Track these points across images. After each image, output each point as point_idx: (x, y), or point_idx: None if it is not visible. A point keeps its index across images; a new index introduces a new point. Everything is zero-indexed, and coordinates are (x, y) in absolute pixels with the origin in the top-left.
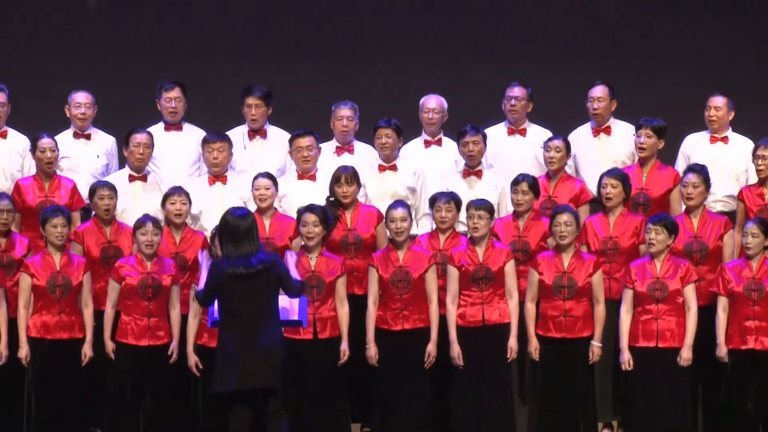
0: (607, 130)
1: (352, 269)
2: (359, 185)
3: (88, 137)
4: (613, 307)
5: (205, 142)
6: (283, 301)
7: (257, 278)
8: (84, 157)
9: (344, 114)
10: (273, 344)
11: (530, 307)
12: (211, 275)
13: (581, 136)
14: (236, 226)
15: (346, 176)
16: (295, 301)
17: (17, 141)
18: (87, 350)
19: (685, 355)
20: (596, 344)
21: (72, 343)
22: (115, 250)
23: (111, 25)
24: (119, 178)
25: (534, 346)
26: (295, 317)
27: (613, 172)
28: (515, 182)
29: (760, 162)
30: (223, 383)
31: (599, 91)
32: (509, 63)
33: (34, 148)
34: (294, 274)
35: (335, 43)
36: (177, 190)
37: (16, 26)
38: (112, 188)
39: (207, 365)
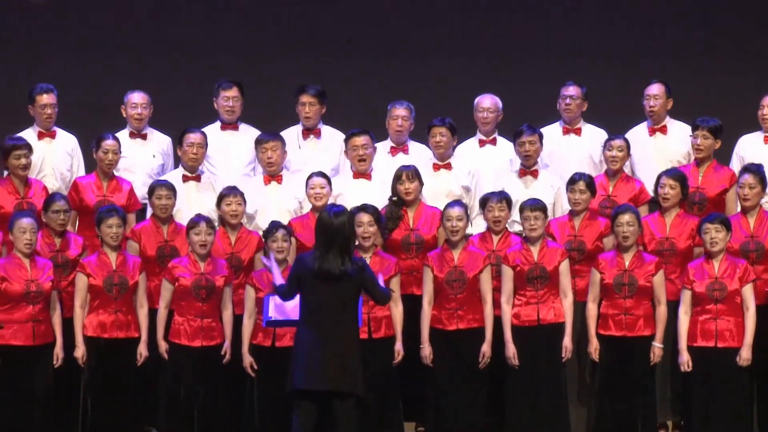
0: (663, 130)
1: (412, 269)
2: (421, 183)
3: (144, 137)
4: (669, 307)
5: (258, 142)
6: None
7: (342, 279)
8: (140, 157)
9: (399, 113)
10: (351, 349)
11: (592, 308)
12: (296, 268)
13: (637, 135)
14: (329, 224)
15: (408, 173)
16: None
17: (66, 140)
18: (142, 350)
19: (745, 355)
20: (657, 345)
21: (128, 342)
22: (172, 249)
23: (167, 25)
24: (173, 178)
25: (594, 346)
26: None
27: (671, 172)
28: (572, 181)
29: None
30: (296, 381)
31: (656, 89)
32: (564, 61)
33: (97, 148)
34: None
35: (391, 42)
36: (232, 191)
37: (69, 26)
38: (170, 188)
39: (261, 365)
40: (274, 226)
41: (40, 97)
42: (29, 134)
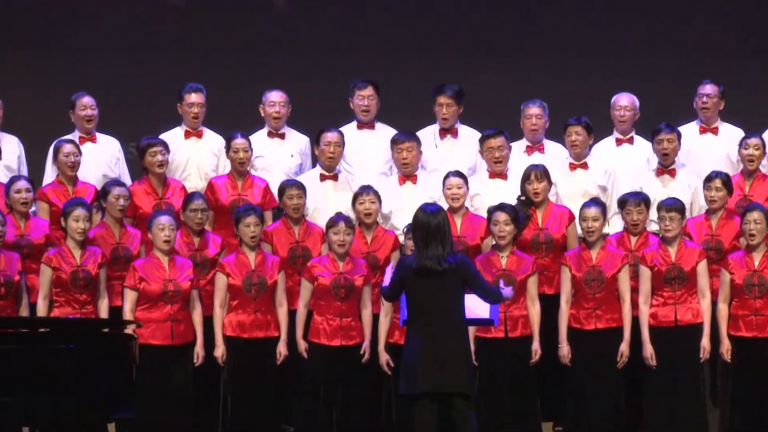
0: (715, 131)
1: (543, 268)
2: (550, 183)
3: (282, 136)
4: None
5: (394, 142)
6: (474, 299)
7: (444, 276)
8: (278, 156)
9: (533, 112)
10: (458, 346)
11: (722, 308)
12: (399, 270)
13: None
14: (427, 222)
15: (536, 173)
16: None
17: (212, 141)
18: (282, 349)
19: None
20: None
21: (267, 341)
22: (303, 250)
23: (302, 25)
24: (310, 177)
25: (726, 347)
26: (486, 316)
27: None
28: (708, 179)
29: None
30: (409, 385)
31: (709, 88)
32: (701, 60)
33: (228, 148)
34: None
35: (526, 41)
36: (366, 190)
37: (210, 28)
38: (301, 187)
39: (398, 363)
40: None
41: (188, 95)
42: (176, 133)
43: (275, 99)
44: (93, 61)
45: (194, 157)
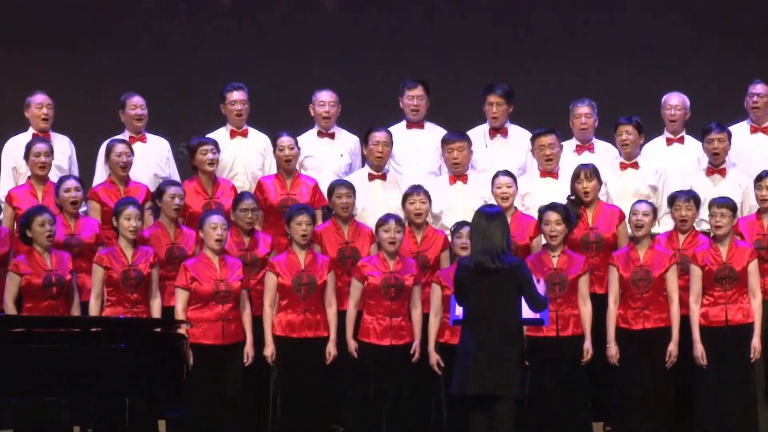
0: (765, 130)
1: (593, 268)
2: (600, 182)
3: (332, 136)
4: None
5: (444, 141)
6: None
7: (499, 276)
8: (327, 156)
9: (582, 112)
10: (511, 348)
11: None
12: (457, 272)
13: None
14: (483, 223)
15: (586, 172)
16: None
17: (258, 139)
18: (331, 349)
19: None
20: None
21: (317, 341)
22: (353, 251)
23: (353, 25)
24: (359, 176)
25: None
26: (537, 315)
27: None
28: (759, 178)
29: None
30: (460, 385)
31: (760, 87)
32: (752, 59)
33: (274, 147)
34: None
35: (578, 40)
36: (417, 189)
37: (261, 28)
38: (350, 187)
39: (448, 363)
40: (462, 224)
41: (230, 94)
42: (221, 133)
43: (325, 99)
44: (142, 61)
45: (240, 156)
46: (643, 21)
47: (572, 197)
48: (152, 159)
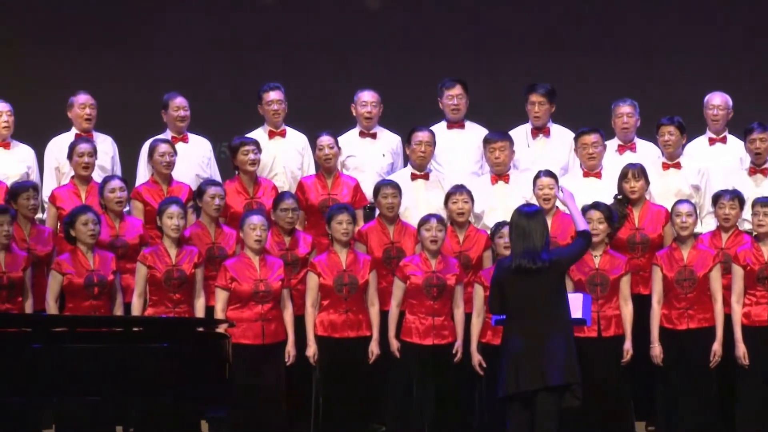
0: None
1: (638, 268)
2: (647, 181)
3: (373, 136)
4: None
5: (486, 141)
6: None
7: (541, 275)
8: (369, 156)
9: (624, 111)
10: (558, 344)
11: None
12: (496, 273)
13: None
14: (523, 223)
15: (634, 172)
16: (579, 299)
17: (296, 139)
18: (374, 348)
19: None
20: None
21: (359, 341)
22: (398, 251)
23: (394, 24)
24: (402, 176)
25: None
26: (579, 315)
27: None
28: None
29: None
30: (510, 386)
31: None
32: None
33: (314, 146)
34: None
35: (619, 39)
36: (460, 189)
37: (300, 26)
38: (396, 187)
39: (490, 363)
40: (503, 224)
41: (266, 94)
42: (259, 134)
43: (367, 99)
44: (184, 61)
45: (280, 156)
46: (686, 20)
47: (619, 197)
48: (194, 159)
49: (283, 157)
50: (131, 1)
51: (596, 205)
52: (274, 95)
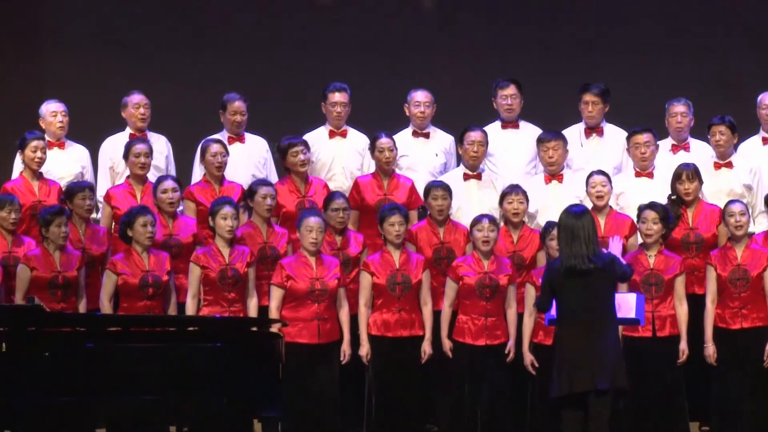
0: None
1: (693, 268)
2: (701, 182)
3: (426, 136)
4: None
5: (540, 140)
6: (620, 298)
7: (592, 276)
8: (422, 155)
9: (678, 110)
10: (608, 347)
11: None
12: (547, 274)
13: None
14: (572, 223)
15: (688, 173)
16: (632, 299)
17: (357, 140)
18: (427, 348)
19: None
20: None
21: (412, 340)
22: (448, 251)
23: (448, 25)
24: (454, 176)
25: None
26: (632, 315)
27: None
28: None
29: None
30: (562, 387)
31: None
32: None
33: (373, 148)
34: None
35: (672, 39)
36: (515, 189)
37: (355, 25)
38: (446, 189)
39: (542, 363)
40: (553, 224)
41: (332, 94)
42: (321, 132)
43: (420, 99)
44: (240, 60)
45: (339, 156)
46: (737, 18)
47: (673, 197)
48: (251, 160)
49: (343, 157)
50: (188, 1)
51: (652, 206)
52: (338, 97)
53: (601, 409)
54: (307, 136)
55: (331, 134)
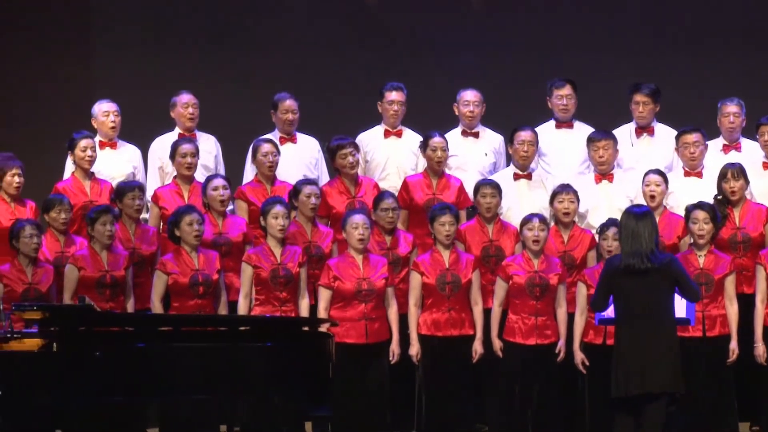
0: None
1: (741, 268)
2: (747, 181)
3: (476, 135)
4: None
5: (590, 140)
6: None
7: (651, 276)
8: (472, 155)
9: (730, 111)
10: (664, 349)
11: None
12: (605, 272)
13: None
14: (632, 222)
15: (733, 172)
16: (682, 299)
17: (412, 140)
18: (477, 347)
19: None
20: None
21: (462, 340)
22: (497, 249)
23: (499, 24)
24: (504, 176)
25: None
26: (683, 315)
27: None
28: None
29: None
30: (621, 387)
31: None
32: None
33: (425, 147)
34: None
35: (725, 36)
36: (566, 188)
37: (404, 25)
38: (495, 187)
39: (593, 363)
40: (609, 224)
41: (389, 93)
42: (377, 131)
43: (470, 98)
44: (291, 60)
45: (394, 156)
46: None
47: (719, 197)
48: (302, 160)
49: (397, 157)
50: (239, 0)
51: (701, 205)
52: (395, 96)
53: (654, 414)
54: (362, 136)
55: (387, 134)
